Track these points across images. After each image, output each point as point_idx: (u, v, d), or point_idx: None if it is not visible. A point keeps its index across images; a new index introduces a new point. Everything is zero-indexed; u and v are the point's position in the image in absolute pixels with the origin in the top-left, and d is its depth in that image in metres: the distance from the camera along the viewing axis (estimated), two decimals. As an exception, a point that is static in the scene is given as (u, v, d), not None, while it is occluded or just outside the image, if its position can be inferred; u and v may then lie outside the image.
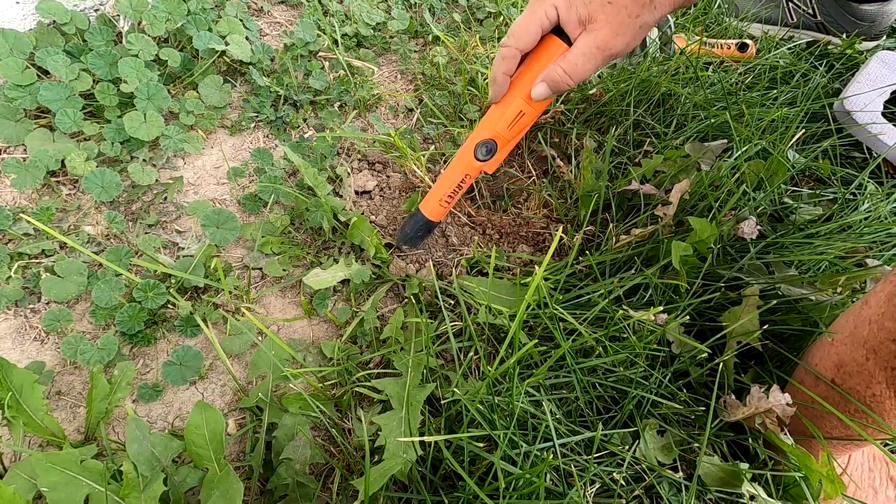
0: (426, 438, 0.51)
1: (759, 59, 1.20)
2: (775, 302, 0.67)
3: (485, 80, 1.18)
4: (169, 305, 0.83)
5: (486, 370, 0.57)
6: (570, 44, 0.62)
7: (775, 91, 1.06)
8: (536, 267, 0.78)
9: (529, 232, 0.96)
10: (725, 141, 0.89)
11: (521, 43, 0.62)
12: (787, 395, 0.57)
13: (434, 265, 0.89)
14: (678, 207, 0.80)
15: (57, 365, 0.76)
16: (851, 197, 0.94)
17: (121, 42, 1.07)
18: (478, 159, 0.77)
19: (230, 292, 0.83)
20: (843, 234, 0.82)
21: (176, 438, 0.62)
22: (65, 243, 0.86)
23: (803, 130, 0.92)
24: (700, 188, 0.85)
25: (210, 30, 1.13)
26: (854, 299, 0.71)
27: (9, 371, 0.63)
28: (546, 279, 0.79)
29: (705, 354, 0.66)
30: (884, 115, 1.05)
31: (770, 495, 0.63)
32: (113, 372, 0.72)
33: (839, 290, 0.72)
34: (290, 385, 0.70)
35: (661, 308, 0.60)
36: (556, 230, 0.95)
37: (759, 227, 0.75)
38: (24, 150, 0.97)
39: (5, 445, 0.64)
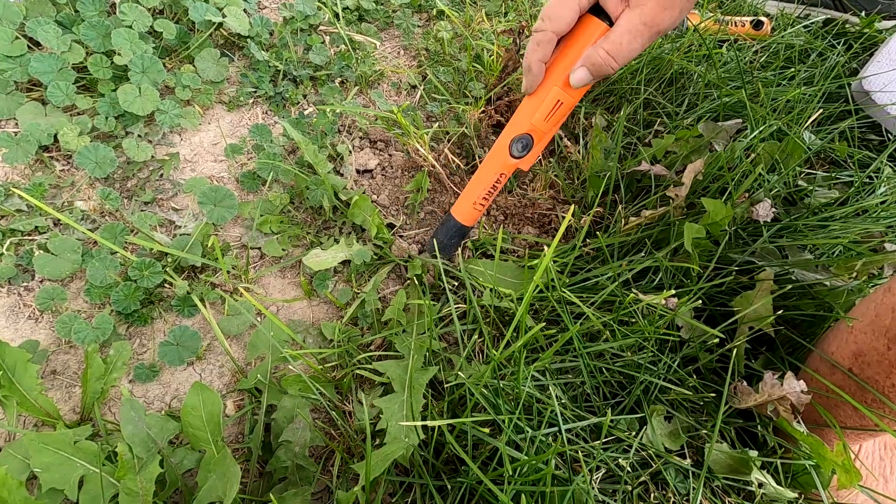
0: (429, 423, 0.49)
1: (774, 37, 1.16)
2: (789, 287, 0.64)
3: (490, 56, 1.14)
4: (165, 285, 0.81)
5: (491, 353, 0.56)
6: (611, 23, 0.56)
7: (791, 70, 1.02)
8: (546, 247, 0.75)
9: (535, 213, 0.94)
10: (740, 121, 0.86)
11: (558, 25, 0.56)
12: (801, 382, 0.55)
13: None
14: (690, 189, 0.78)
15: (52, 344, 0.75)
16: (868, 180, 0.91)
17: (114, 13, 1.04)
18: (513, 156, 0.69)
19: (228, 272, 0.81)
20: (859, 218, 0.79)
21: (172, 420, 0.60)
22: (58, 220, 0.84)
23: (820, 111, 0.89)
24: (713, 169, 0.82)
25: (207, 0, 1.09)
26: (871, 285, 0.69)
27: (1, 349, 0.61)
28: (553, 261, 0.77)
29: (716, 340, 0.65)
30: (903, 96, 1.01)
31: (779, 483, 0.62)
32: (108, 351, 0.70)
33: (855, 275, 0.69)
34: (290, 367, 0.69)
35: (673, 292, 0.58)
36: (564, 212, 0.92)
37: (773, 209, 0.72)
38: (16, 123, 0.94)
39: (-1, 425, 0.63)
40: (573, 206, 0.88)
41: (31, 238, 0.82)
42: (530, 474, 0.51)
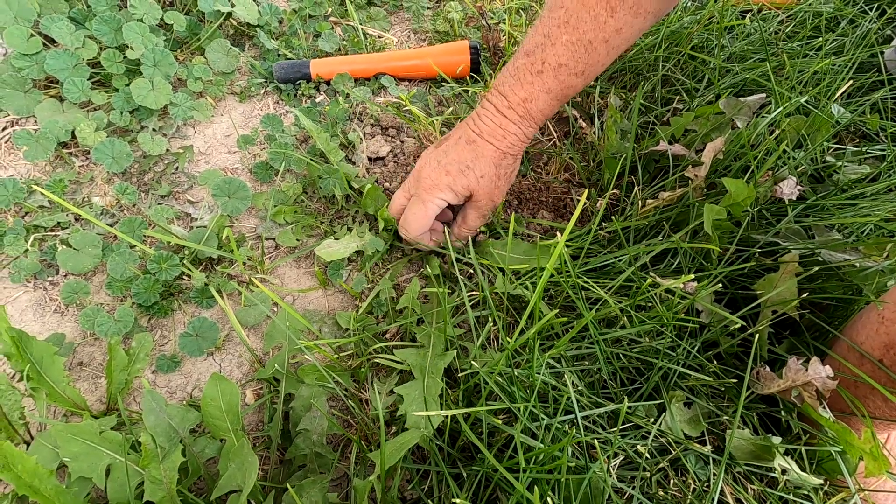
0: (445, 413, 0.49)
1: (801, 5, 1.11)
2: (816, 269, 0.62)
3: (503, 36, 1.12)
4: (184, 277, 0.82)
5: (505, 341, 0.55)
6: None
7: (819, 39, 0.97)
8: (558, 234, 0.74)
9: (550, 197, 0.92)
10: (764, 95, 0.83)
11: (418, 233, 0.76)
12: (827, 368, 0.53)
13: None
14: (711, 168, 0.75)
15: (77, 336, 0.77)
16: (901, 155, 0.87)
17: (125, 7, 1.04)
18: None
19: (244, 263, 0.81)
20: (892, 193, 0.75)
21: (193, 409, 0.62)
22: (79, 215, 0.86)
23: (850, 82, 0.85)
24: (735, 147, 0.79)
25: (215, -10, 1.08)
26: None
27: (28, 343, 0.63)
28: (567, 246, 0.76)
29: (738, 325, 0.63)
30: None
31: (803, 470, 0.61)
32: (131, 343, 0.72)
33: (886, 255, 0.66)
34: (306, 356, 0.70)
35: (692, 276, 0.56)
36: (579, 194, 0.90)
37: (799, 187, 0.69)
38: (35, 121, 0.96)
39: (29, 416, 0.65)
40: (588, 189, 0.86)
41: (53, 234, 0.84)
42: (546, 462, 0.51)
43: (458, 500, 0.43)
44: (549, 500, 0.44)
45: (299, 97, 1.06)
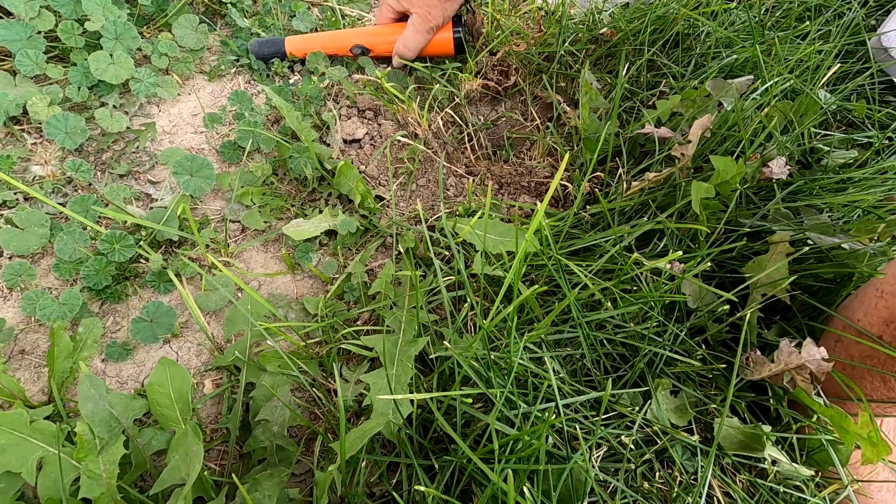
0: (414, 396, 0.45)
1: (786, -6, 1.09)
2: (807, 249, 0.59)
3: (487, 19, 1.08)
4: (141, 260, 0.76)
5: (481, 322, 0.51)
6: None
7: (806, 24, 0.96)
8: (537, 203, 0.70)
9: (532, 182, 0.89)
10: (751, 77, 0.80)
11: (382, 21, 0.99)
12: (822, 349, 0.50)
13: (425, 216, 0.82)
14: (698, 149, 0.72)
15: (20, 322, 0.71)
16: (888, 141, 0.85)
17: (86, -22, 0.98)
18: (351, 52, 0.99)
19: (207, 246, 0.76)
20: (881, 177, 0.74)
21: (139, 398, 0.56)
22: (28, 195, 0.79)
23: (838, 65, 0.83)
24: (722, 130, 0.76)
25: (184, -35, 1.03)
26: (895, 248, 0.64)
27: (-43, 326, 0.57)
28: (553, 228, 0.72)
29: (726, 308, 0.60)
30: (925, 52, 0.95)
31: (793, 461, 0.58)
32: (78, 329, 0.66)
33: (877, 237, 0.64)
34: (269, 343, 0.65)
35: (679, 253, 0.53)
36: (563, 179, 0.87)
37: (787, 167, 0.67)
38: (-16, 95, 0.89)
39: (-42, 406, 0.59)
40: (570, 172, 0.82)
41: (-2, 213, 0.77)
42: (523, 450, 0.47)
43: (421, 488, 0.38)
44: (525, 490, 0.40)
45: (272, 76, 1.01)
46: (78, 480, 0.50)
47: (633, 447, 0.58)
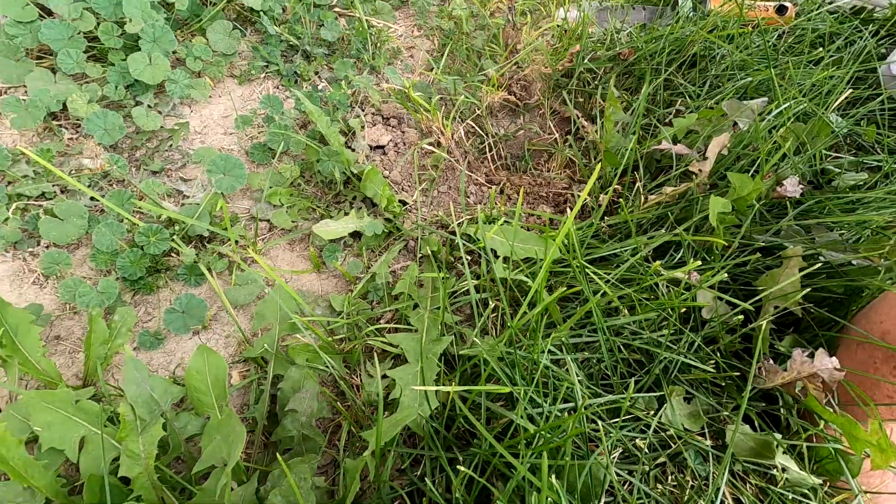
0: (444, 388, 0.47)
1: (799, 22, 1.13)
2: (820, 264, 0.62)
3: (506, 37, 1.12)
4: (172, 254, 0.79)
5: (509, 321, 0.53)
6: None
7: (819, 50, 0.99)
8: (568, 210, 0.73)
9: (550, 192, 0.92)
10: (765, 100, 0.83)
11: None
12: (834, 359, 0.53)
13: (448, 221, 0.85)
14: (714, 167, 0.75)
15: (56, 309, 0.73)
16: (896, 165, 0.88)
17: (127, -18, 1.02)
18: None
19: (236, 242, 0.79)
20: (890, 199, 0.76)
21: (177, 385, 0.59)
22: (65, 188, 0.83)
23: (850, 91, 0.86)
24: (737, 149, 0.79)
25: (220, -27, 1.07)
26: (903, 266, 0.66)
27: (2, 309, 0.59)
28: (568, 247, 0.75)
29: (740, 318, 0.62)
30: (933, 81, 0.98)
31: (802, 469, 0.60)
32: (113, 317, 0.69)
33: (885, 256, 0.66)
34: (298, 336, 0.67)
35: (698, 263, 0.55)
36: (580, 191, 0.90)
37: (801, 186, 0.69)
38: (25, 91, 0.93)
39: (0, 385, 0.62)
40: (598, 166, 0.85)
41: (37, 203, 0.80)
42: (545, 446, 0.49)
43: (461, 468, 0.40)
44: (553, 480, 0.42)
45: (300, 82, 1.05)
46: (117, 460, 0.53)
47: (646, 450, 0.60)
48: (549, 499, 0.42)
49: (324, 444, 0.60)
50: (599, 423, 0.58)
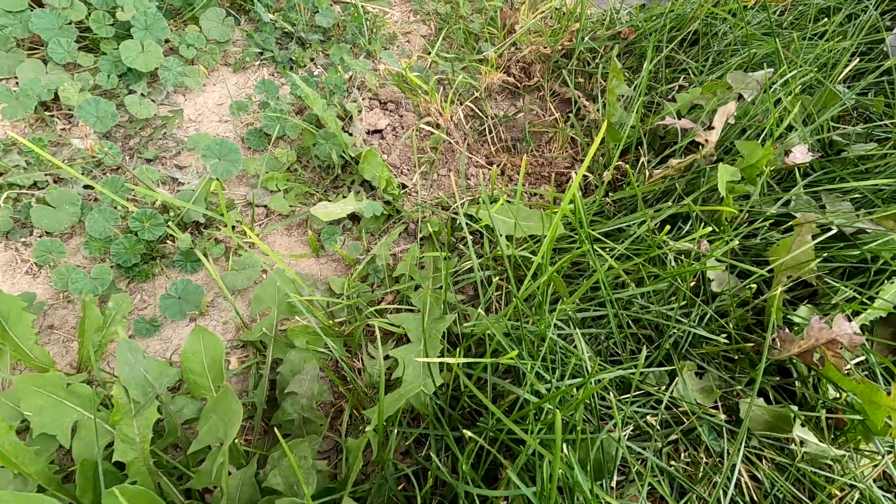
0: (448, 360, 0.45)
1: (801, -3, 1.11)
2: (834, 231, 0.60)
3: (503, 18, 1.10)
4: (168, 241, 0.77)
5: (514, 293, 0.51)
6: None
7: (823, 22, 0.97)
8: (573, 174, 0.71)
9: (553, 172, 0.90)
10: (770, 70, 0.81)
11: None
12: (854, 323, 0.51)
13: (449, 202, 0.83)
14: (721, 137, 0.73)
15: (49, 298, 0.72)
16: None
17: (117, -29, 1.01)
18: None
19: (233, 227, 0.77)
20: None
21: (173, 367, 0.57)
22: (58, 177, 0.81)
23: (857, 60, 0.84)
24: (742, 120, 0.77)
25: (212, -39, 1.06)
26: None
27: (-7, 295, 0.58)
28: (574, 213, 0.73)
29: (753, 289, 0.60)
30: (941, 51, 0.96)
31: (822, 441, 0.57)
32: (107, 304, 0.67)
33: (900, 224, 0.64)
34: (297, 318, 0.65)
35: (708, 230, 0.53)
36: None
37: (810, 154, 0.67)
38: (17, 82, 0.91)
39: (-9, 374, 0.60)
40: (597, 139, 0.83)
41: (29, 193, 0.79)
42: (554, 420, 0.47)
43: (469, 434, 0.38)
44: (565, 449, 0.40)
45: (295, 69, 1.03)
46: (111, 446, 0.51)
47: (659, 427, 0.58)
48: (561, 471, 0.40)
49: (325, 426, 0.58)
50: (610, 397, 0.56)
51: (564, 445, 0.44)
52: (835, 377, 0.53)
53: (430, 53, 1.07)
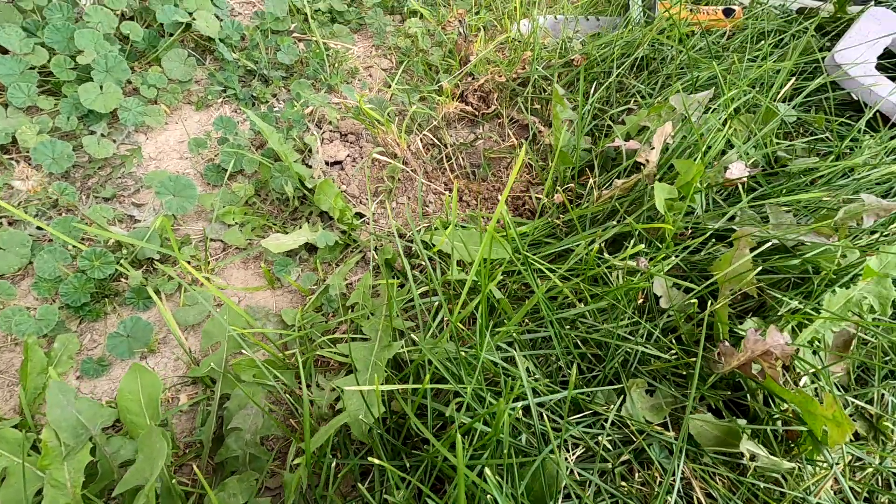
0: (381, 387, 0.45)
1: (746, 20, 1.16)
2: (771, 244, 0.61)
3: (458, 49, 1.14)
4: (121, 279, 0.77)
5: (448, 318, 0.52)
6: None
7: (763, 44, 1.01)
8: (515, 226, 0.72)
9: (509, 196, 0.91)
10: (710, 92, 0.84)
11: None
12: (785, 335, 0.51)
13: (403, 230, 0.83)
14: (661, 159, 0.75)
15: (-4, 342, 0.70)
16: (847, 150, 0.88)
17: (82, 19, 1.03)
18: None
19: (187, 262, 0.77)
20: (845, 178, 0.76)
21: (108, 407, 0.56)
22: (12, 220, 0.81)
23: (794, 78, 0.87)
24: (686, 140, 0.79)
25: (176, 5, 1.09)
26: (857, 241, 0.65)
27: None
28: (525, 235, 0.74)
29: (695, 303, 0.61)
30: (876, 68, 1.00)
31: (773, 455, 0.57)
32: (53, 345, 0.66)
33: (836, 236, 0.66)
34: (243, 352, 0.64)
35: (642, 246, 0.54)
36: (538, 193, 0.89)
37: (748, 170, 0.69)
38: (-24, 127, 0.92)
39: (-75, 422, 0.58)
40: (524, 145, 0.85)
41: (-19, 235, 0.78)
42: (487, 440, 0.46)
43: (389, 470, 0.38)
44: (487, 472, 0.39)
45: (257, 104, 1.05)
46: (42, 492, 0.49)
47: (609, 447, 0.57)
48: (490, 496, 0.40)
49: (270, 460, 0.57)
50: (557, 420, 0.55)
51: (498, 470, 0.43)
52: (774, 388, 0.53)
53: (389, 87, 1.09)
